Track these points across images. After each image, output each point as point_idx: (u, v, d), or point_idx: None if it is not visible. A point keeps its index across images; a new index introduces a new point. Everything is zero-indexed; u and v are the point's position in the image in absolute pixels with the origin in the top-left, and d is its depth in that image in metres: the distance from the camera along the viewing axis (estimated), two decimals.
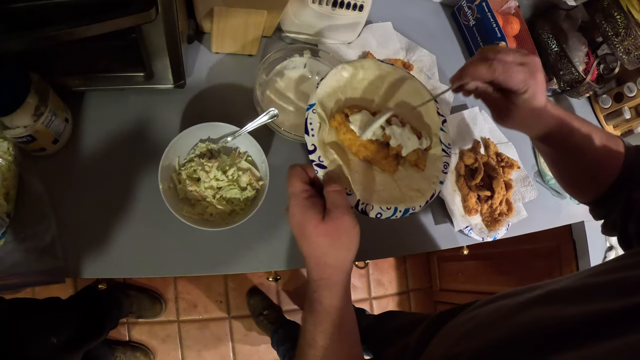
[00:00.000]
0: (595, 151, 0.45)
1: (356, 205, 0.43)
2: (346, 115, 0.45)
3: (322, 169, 0.41)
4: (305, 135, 0.42)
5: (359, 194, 0.43)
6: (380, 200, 0.44)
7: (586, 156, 0.46)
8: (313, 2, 0.59)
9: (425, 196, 0.46)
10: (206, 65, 0.60)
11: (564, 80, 0.88)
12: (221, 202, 0.52)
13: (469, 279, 1.33)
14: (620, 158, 0.45)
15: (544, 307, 0.31)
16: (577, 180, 0.50)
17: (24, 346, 0.59)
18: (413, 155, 0.47)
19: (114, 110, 0.54)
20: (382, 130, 0.45)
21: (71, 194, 0.50)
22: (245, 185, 0.53)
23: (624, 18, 0.75)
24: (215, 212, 0.52)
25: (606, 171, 0.45)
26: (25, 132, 0.44)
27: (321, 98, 0.44)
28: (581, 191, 0.50)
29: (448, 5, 0.90)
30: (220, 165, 0.52)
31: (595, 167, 0.46)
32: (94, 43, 0.47)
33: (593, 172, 0.47)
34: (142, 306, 1.12)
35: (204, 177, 0.52)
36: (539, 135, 0.47)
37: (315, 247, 0.36)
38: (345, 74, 0.46)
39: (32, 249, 0.48)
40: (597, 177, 0.46)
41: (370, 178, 0.46)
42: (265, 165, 0.53)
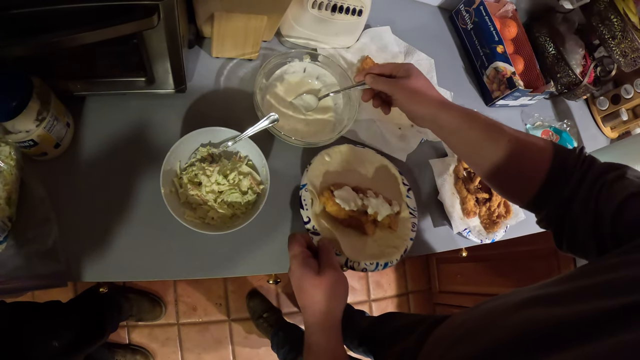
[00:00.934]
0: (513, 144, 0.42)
1: (345, 263, 0.55)
2: (332, 192, 0.56)
3: (317, 236, 0.54)
4: (300, 209, 0.55)
5: (347, 253, 0.55)
6: (364, 258, 0.57)
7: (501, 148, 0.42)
8: (312, 7, 0.60)
9: (400, 251, 0.59)
10: (206, 69, 0.61)
11: (561, 82, 0.88)
12: (222, 206, 0.53)
13: (468, 280, 1.34)
14: (548, 153, 0.40)
15: (534, 309, 0.30)
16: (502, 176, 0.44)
17: (25, 350, 0.59)
18: (387, 219, 0.58)
19: (115, 115, 0.54)
20: (361, 201, 0.57)
21: (73, 198, 0.50)
22: (246, 190, 0.53)
23: (620, 21, 0.76)
24: (217, 216, 0.53)
25: (533, 166, 0.41)
26: (27, 136, 0.45)
27: (310, 178, 0.57)
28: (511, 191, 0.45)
29: (446, 9, 0.90)
30: (221, 170, 0.53)
31: (519, 162, 0.42)
32: (95, 48, 0.48)
33: (518, 170, 0.42)
34: (142, 309, 1.12)
35: (205, 181, 0.52)
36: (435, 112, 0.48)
37: (311, 298, 0.44)
38: (327, 159, 0.60)
39: (33, 253, 0.49)
40: (523, 175, 0.42)
41: (354, 240, 0.58)
42: (265, 170, 0.53)
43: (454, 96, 0.77)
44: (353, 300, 1.49)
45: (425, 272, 1.61)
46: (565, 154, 0.40)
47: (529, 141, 0.42)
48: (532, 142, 0.42)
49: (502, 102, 0.83)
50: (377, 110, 0.72)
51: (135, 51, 0.46)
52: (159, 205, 0.52)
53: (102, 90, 0.51)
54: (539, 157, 0.41)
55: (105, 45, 0.47)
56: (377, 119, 0.69)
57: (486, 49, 0.82)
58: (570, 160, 0.40)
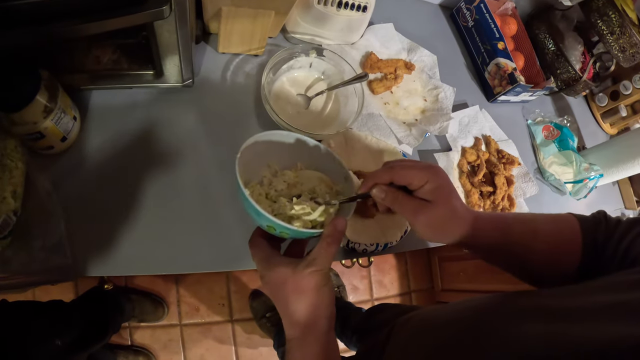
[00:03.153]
0: (544, 239, 0.40)
1: (346, 244, 0.56)
2: None
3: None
4: None
5: (348, 235, 0.56)
6: (365, 239, 0.57)
7: (535, 247, 0.40)
8: (318, 3, 0.60)
9: (400, 232, 0.61)
10: (213, 65, 0.61)
11: (561, 79, 0.89)
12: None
13: (470, 278, 1.34)
14: (577, 235, 0.39)
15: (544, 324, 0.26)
16: (540, 275, 0.42)
17: (28, 348, 0.58)
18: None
19: (121, 109, 0.54)
20: None
21: (79, 192, 0.50)
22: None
23: (618, 17, 0.77)
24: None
25: (566, 254, 0.39)
26: (34, 129, 0.44)
27: None
28: (550, 283, 0.41)
29: (447, 7, 0.91)
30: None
31: (552, 255, 0.40)
32: (104, 41, 0.48)
33: (552, 261, 0.40)
34: (144, 310, 1.11)
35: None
36: (469, 234, 0.40)
37: (291, 306, 0.34)
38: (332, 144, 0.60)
39: (39, 248, 0.48)
40: (559, 263, 0.40)
41: (356, 222, 0.59)
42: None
43: (457, 92, 0.78)
44: (355, 299, 1.48)
45: (427, 270, 1.61)
46: (593, 230, 0.39)
47: (559, 236, 0.41)
48: (562, 237, 0.41)
49: (503, 97, 0.84)
50: (383, 105, 0.72)
51: (144, 44, 0.46)
52: (166, 199, 0.52)
53: (109, 83, 0.51)
54: (570, 248, 0.40)
55: (114, 37, 0.48)
56: (382, 114, 0.69)
57: (487, 46, 0.83)
58: (599, 236, 0.39)
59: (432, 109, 0.75)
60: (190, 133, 0.56)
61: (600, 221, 0.40)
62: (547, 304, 0.29)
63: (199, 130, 0.57)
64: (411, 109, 0.75)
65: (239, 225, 0.54)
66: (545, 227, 0.42)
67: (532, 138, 0.89)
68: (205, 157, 0.56)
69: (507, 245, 0.41)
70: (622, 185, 1.01)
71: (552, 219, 0.42)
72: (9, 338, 0.58)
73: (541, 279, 0.42)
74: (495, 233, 0.41)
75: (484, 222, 0.41)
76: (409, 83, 0.76)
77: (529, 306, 0.30)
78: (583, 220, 0.41)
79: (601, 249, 0.38)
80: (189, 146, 0.55)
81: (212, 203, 0.54)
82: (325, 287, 0.34)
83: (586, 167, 0.83)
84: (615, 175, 0.86)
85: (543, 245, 0.40)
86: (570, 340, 0.23)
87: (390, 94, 0.74)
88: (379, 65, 0.72)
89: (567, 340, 0.23)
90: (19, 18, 0.34)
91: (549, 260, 0.40)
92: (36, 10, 0.35)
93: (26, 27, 0.34)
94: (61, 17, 0.35)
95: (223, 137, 0.57)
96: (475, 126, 0.80)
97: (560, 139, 0.86)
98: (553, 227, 0.42)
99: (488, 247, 0.42)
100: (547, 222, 0.42)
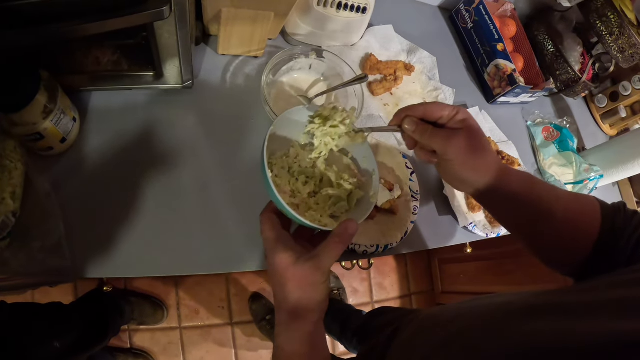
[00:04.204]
0: (564, 208, 0.40)
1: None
2: None
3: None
4: None
5: None
6: (365, 240, 0.57)
7: (555, 215, 0.40)
8: (318, 5, 0.60)
9: (400, 233, 0.60)
10: (213, 66, 0.61)
11: (560, 80, 0.90)
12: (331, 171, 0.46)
13: (471, 280, 1.33)
14: (598, 214, 0.39)
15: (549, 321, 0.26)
16: (553, 247, 0.42)
17: (27, 350, 0.58)
18: (387, 204, 0.59)
19: (121, 110, 0.54)
20: None
21: (78, 193, 0.50)
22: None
23: (617, 17, 0.77)
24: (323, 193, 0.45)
25: (584, 230, 0.39)
26: (34, 129, 0.44)
27: None
28: (562, 260, 0.42)
29: (446, 9, 0.92)
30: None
31: (570, 227, 0.40)
32: (104, 42, 0.48)
33: (570, 234, 0.40)
34: (144, 313, 1.10)
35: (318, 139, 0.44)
36: (498, 184, 0.40)
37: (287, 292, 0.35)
38: None
39: (38, 249, 0.48)
40: (575, 238, 0.39)
41: None
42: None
43: (457, 93, 0.78)
44: (356, 302, 1.47)
45: (427, 272, 1.60)
46: (612, 215, 0.39)
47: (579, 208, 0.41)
48: (582, 209, 0.40)
49: (503, 99, 0.84)
50: (383, 106, 0.72)
51: (144, 45, 0.47)
52: (165, 201, 0.52)
53: (109, 85, 0.51)
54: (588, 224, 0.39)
55: (114, 38, 0.48)
56: (382, 115, 0.69)
57: (486, 47, 0.83)
58: (618, 222, 0.38)
59: None
60: (190, 134, 0.56)
61: (619, 209, 0.40)
62: (556, 301, 0.29)
63: (198, 131, 0.57)
64: None
65: (238, 227, 0.54)
66: (569, 197, 0.41)
67: (532, 139, 0.89)
68: (205, 158, 0.56)
69: (528, 199, 0.40)
70: (622, 186, 1.01)
71: (575, 195, 0.42)
72: (8, 340, 0.58)
73: (551, 253, 0.42)
74: (520, 184, 0.40)
75: (511, 170, 0.41)
76: (409, 84, 0.76)
77: (538, 303, 0.30)
78: (604, 204, 0.41)
79: (617, 235, 0.37)
80: (189, 148, 0.55)
81: (211, 204, 0.54)
82: (322, 285, 0.34)
83: (586, 168, 0.83)
84: (615, 176, 0.86)
85: (563, 213, 0.40)
86: (577, 336, 0.23)
87: (390, 96, 0.74)
88: (379, 67, 0.72)
89: (574, 336, 0.23)
90: (19, 18, 0.34)
91: (566, 229, 0.40)
92: (37, 11, 0.35)
93: (26, 27, 0.34)
94: (61, 17, 0.35)
95: (223, 139, 0.57)
96: None
97: (560, 140, 0.86)
98: (575, 200, 0.41)
99: (507, 197, 0.40)
100: (570, 195, 0.42)
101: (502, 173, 0.40)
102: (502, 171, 0.40)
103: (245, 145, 0.58)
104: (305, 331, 0.34)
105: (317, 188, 0.45)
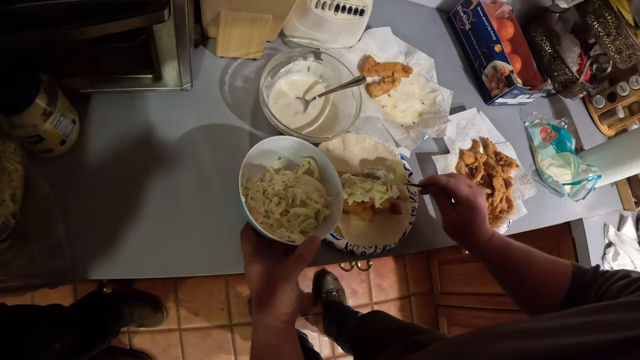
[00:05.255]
0: (537, 270, 0.50)
1: (345, 247, 0.57)
2: None
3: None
4: None
5: (347, 237, 0.57)
6: (363, 241, 0.59)
7: (528, 275, 0.50)
8: (316, 7, 0.61)
9: (399, 234, 0.61)
10: (211, 69, 0.62)
11: (558, 81, 0.90)
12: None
13: (470, 280, 1.33)
14: (568, 275, 0.47)
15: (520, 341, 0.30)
16: (527, 300, 0.52)
17: (27, 352, 0.58)
18: (386, 202, 0.59)
19: (120, 113, 0.54)
20: None
21: (78, 195, 0.50)
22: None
23: (614, 18, 0.78)
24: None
25: (554, 287, 0.47)
26: (34, 131, 0.45)
27: None
28: (535, 310, 0.51)
29: (444, 10, 0.92)
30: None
31: (541, 285, 0.49)
32: (103, 44, 0.48)
33: (540, 290, 0.49)
34: (143, 315, 1.10)
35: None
36: (478, 249, 0.53)
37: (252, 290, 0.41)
38: (330, 147, 0.62)
39: (38, 250, 0.48)
40: (545, 294, 0.48)
41: (354, 225, 0.60)
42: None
43: (454, 95, 0.79)
44: (355, 303, 1.48)
45: (426, 274, 1.60)
46: (583, 273, 0.47)
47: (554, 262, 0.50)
48: (556, 264, 0.50)
49: (501, 100, 0.85)
50: (381, 108, 0.73)
51: (143, 48, 0.47)
52: (165, 202, 0.52)
53: (108, 87, 0.51)
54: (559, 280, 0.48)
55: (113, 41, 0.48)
56: (380, 117, 0.70)
57: (484, 49, 0.83)
58: (585, 281, 0.46)
59: (429, 112, 0.76)
60: (188, 136, 0.56)
61: (590, 270, 0.48)
62: (524, 327, 0.33)
63: (197, 133, 0.57)
64: (409, 111, 0.75)
65: (237, 228, 0.54)
66: (541, 261, 0.51)
67: (530, 140, 0.89)
68: (203, 160, 0.56)
69: (505, 268, 0.52)
70: (621, 186, 1.01)
71: (550, 258, 0.51)
72: (8, 342, 0.58)
73: (530, 303, 0.51)
74: (498, 258, 0.52)
75: (492, 246, 0.52)
76: (407, 86, 0.77)
77: (506, 330, 0.33)
78: (577, 266, 0.49)
79: (584, 290, 0.45)
80: (188, 149, 0.56)
81: (210, 206, 0.54)
82: (291, 292, 0.39)
83: (584, 168, 0.83)
84: (614, 176, 0.86)
85: (535, 275, 0.50)
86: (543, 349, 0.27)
87: (388, 97, 0.74)
88: (377, 69, 0.72)
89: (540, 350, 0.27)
90: (20, 21, 0.35)
91: (538, 290, 0.49)
92: (37, 14, 0.35)
93: (27, 30, 0.35)
94: (62, 20, 0.35)
95: (221, 140, 0.58)
96: (472, 129, 0.80)
97: (558, 141, 0.86)
98: (548, 262, 0.50)
99: (491, 267, 0.54)
100: (544, 258, 0.51)
101: (483, 250, 0.53)
102: (483, 248, 0.53)
103: (243, 147, 0.59)
104: (277, 327, 0.40)
105: (289, 207, 0.51)
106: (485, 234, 0.53)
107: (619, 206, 1.01)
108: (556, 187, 0.85)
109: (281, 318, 0.39)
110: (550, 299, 0.47)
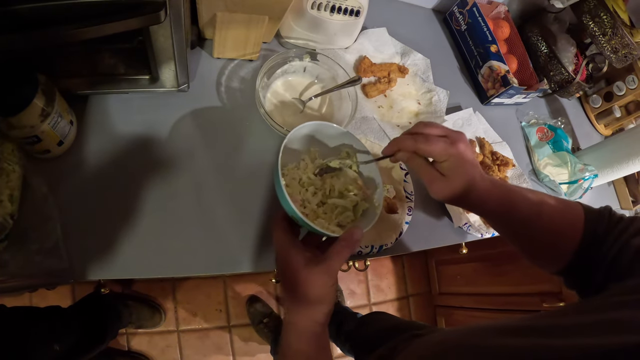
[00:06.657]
0: (547, 220, 0.43)
1: None
2: None
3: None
4: None
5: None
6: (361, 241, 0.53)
7: (536, 227, 0.43)
8: (312, 8, 0.61)
9: (395, 234, 0.60)
10: (208, 70, 0.62)
11: (554, 80, 0.90)
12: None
13: (468, 281, 1.33)
14: (580, 223, 0.41)
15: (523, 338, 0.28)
16: (536, 252, 0.46)
17: (27, 353, 0.58)
18: (384, 203, 0.58)
19: (117, 114, 0.55)
20: None
21: (76, 196, 0.50)
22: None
23: (610, 18, 0.78)
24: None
25: (565, 238, 0.42)
26: (31, 132, 0.45)
27: None
28: (545, 263, 0.45)
29: (440, 11, 0.93)
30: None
31: (552, 236, 0.43)
32: (100, 46, 0.49)
33: (551, 242, 0.43)
34: (141, 316, 1.10)
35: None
36: (477, 208, 0.45)
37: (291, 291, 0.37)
38: None
39: (35, 251, 0.48)
40: (556, 246, 0.43)
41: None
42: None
43: (451, 95, 0.79)
44: (353, 304, 1.48)
45: (424, 274, 1.60)
46: (595, 223, 0.41)
47: (562, 218, 0.43)
48: (565, 218, 0.43)
49: (497, 100, 0.85)
50: (377, 108, 0.73)
51: (139, 49, 0.47)
52: (162, 203, 0.53)
53: (105, 88, 0.52)
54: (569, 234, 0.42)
55: (110, 42, 0.49)
56: (376, 117, 0.70)
57: (480, 49, 0.84)
58: (600, 229, 0.40)
59: (425, 112, 0.76)
60: (185, 137, 0.57)
61: (603, 215, 0.42)
62: (531, 324, 0.31)
63: (194, 134, 0.57)
64: (405, 112, 0.76)
65: (235, 228, 0.54)
66: (550, 210, 0.44)
67: (527, 140, 0.90)
68: (201, 160, 0.56)
69: (510, 221, 0.44)
70: (618, 185, 1.01)
71: (559, 204, 0.44)
72: (8, 343, 0.58)
73: (540, 256, 0.45)
74: (500, 209, 0.44)
75: (493, 198, 0.43)
76: (403, 86, 0.77)
77: (513, 325, 0.31)
78: (588, 210, 0.43)
79: (599, 242, 0.39)
80: (185, 150, 0.56)
81: (208, 206, 0.54)
82: (331, 287, 0.36)
83: (581, 168, 0.83)
84: (610, 175, 0.86)
85: (545, 223, 0.43)
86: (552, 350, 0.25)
87: (384, 98, 0.74)
88: (373, 69, 0.73)
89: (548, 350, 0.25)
90: (17, 22, 0.35)
91: (548, 240, 0.43)
92: (35, 15, 0.36)
93: (24, 31, 0.35)
94: (59, 21, 0.36)
95: (218, 142, 0.58)
96: (469, 129, 0.80)
97: (554, 141, 0.87)
98: (558, 210, 0.43)
99: (493, 220, 0.46)
100: (553, 206, 0.44)
101: (482, 202, 0.44)
102: (481, 200, 0.43)
103: (240, 148, 0.59)
104: (313, 331, 0.36)
105: (325, 198, 0.48)
106: (481, 183, 0.43)
107: (617, 205, 1.01)
108: (553, 186, 0.85)
109: (318, 318, 0.36)
110: (563, 250, 0.42)
